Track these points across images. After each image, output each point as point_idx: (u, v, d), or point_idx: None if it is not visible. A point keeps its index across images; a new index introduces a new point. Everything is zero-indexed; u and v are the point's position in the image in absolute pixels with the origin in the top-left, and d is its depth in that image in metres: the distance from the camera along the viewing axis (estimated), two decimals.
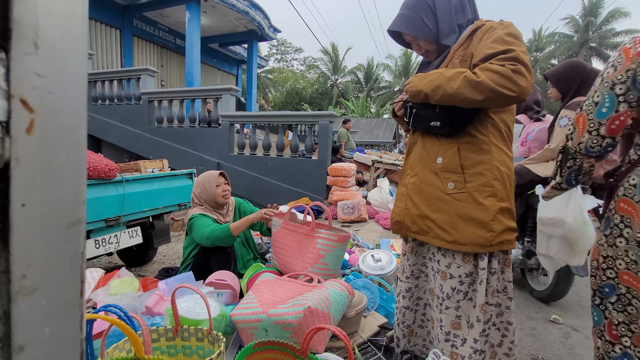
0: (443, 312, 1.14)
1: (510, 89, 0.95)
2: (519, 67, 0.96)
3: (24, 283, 0.25)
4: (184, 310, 1.22)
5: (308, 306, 1.21)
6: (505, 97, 0.97)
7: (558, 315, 2.13)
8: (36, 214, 0.26)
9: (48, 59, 0.26)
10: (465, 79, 0.99)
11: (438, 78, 1.04)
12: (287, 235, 1.80)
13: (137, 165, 3.26)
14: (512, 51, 0.99)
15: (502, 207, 1.10)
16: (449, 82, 1.01)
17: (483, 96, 0.97)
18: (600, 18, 24.89)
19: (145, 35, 11.02)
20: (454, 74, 1.02)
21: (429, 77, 1.07)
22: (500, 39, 1.02)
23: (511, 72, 0.95)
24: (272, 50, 36.13)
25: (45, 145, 0.26)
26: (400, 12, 1.17)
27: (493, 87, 0.96)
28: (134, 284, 1.74)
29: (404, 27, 1.16)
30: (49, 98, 0.26)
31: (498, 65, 0.97)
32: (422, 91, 1.07)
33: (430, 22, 1.13)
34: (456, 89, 0.99)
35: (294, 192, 5.37)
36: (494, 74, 0.96)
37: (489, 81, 0.96)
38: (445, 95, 1.02)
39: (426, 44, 1.17)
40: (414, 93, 1.10)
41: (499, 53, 1.00)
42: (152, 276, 3.23)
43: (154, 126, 6.64)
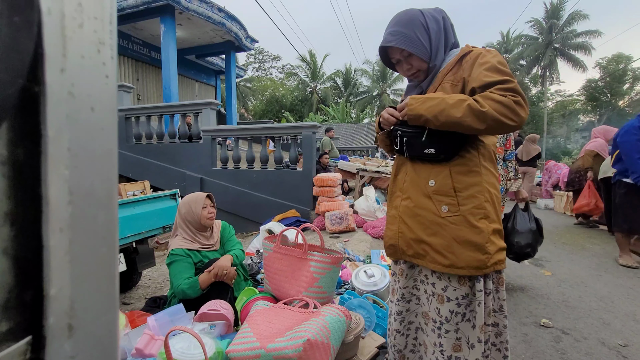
0: (443, 337, 1.14)
1: (512, 119, 0.98)
2: (519, 99, 0.99)
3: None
4: (178, 353, 1.16)
5: (307, 338, 1.19)
6: (505, 127, 1.00)
7: (547, 318, 2.18)
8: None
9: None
10: (469, 108, 0.99)
11: (440, 104, 1.03)
12: (280, 259, 1.77)
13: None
14: (511, 82, 1.02)
15: (494, 229, 1.12)
16: (452, 109, 1.01)
17: (485, 125, 0.99)
18: (562, 20, 26.27)
19: (119, 49, 10.72)
20: (456, 101, 1.01)
21: (430, 102, 1.05)
22: (494, 67, 1.05)
23: (513, 104, 0.98)
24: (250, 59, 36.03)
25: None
26: (393, 29, 1.14)
27: (496, 117, 0.98)
28: (120, 321, 1.65)
29: (401, 42, 1.12)
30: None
31: (500, 96, 0.99)
32: (423, 116, 1.05)
33: (425, 41, 1.13)
34: (460, 117, 1.00)
35: (280, 204, 5.32)
36: (497, 104, 0.98)
37: (493, 111, 0.98)
38: (448, 122, 1.02)
39: (419, 62, 1.16)
40: (414, 117, 1.08)
41: (497, 82, 1.02)
42: (137, 303, 3.11)
43: (132, 143, 6.44)
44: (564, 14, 26.18)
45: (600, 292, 2.63)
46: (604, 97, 27.69)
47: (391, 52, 1.19)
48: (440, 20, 1.16)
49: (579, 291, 2.65)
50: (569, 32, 26.06)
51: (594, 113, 29.49)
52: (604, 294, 2.58)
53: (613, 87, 26.80)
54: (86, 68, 0.26)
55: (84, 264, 0.26)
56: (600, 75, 27.87)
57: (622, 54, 26.83)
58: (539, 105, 28.38)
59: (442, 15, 1.17)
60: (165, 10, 8.95)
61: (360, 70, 30.19)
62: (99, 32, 0.28)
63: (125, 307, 2.97)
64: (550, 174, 7.67)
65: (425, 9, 1.17)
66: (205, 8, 9.54)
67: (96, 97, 0.27)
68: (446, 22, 1.18)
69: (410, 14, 1.14)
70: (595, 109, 28.73)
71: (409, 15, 1.14)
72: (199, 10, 9.41)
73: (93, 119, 0.27)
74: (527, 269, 3.17)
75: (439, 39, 1.15)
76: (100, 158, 0.28)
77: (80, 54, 0.26)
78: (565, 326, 2.09)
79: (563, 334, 2.00)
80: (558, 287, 2.73)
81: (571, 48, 26.17)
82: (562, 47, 26.50)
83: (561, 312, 2.30)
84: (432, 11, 1.17)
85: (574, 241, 4.24)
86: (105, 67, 0.28)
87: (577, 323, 2.13)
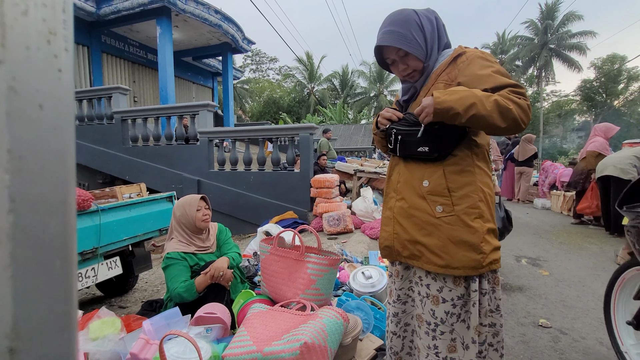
0: (438, 339, 1.13)
1: (524, 122, 1.01)
2: (529, 103, 1.03)
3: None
4: (173, 357, 1.15)
5: (304, 341, 1.17)
6: (519, 128, 1.02)
7: (545, 318, 2.18)
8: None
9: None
10: (496, 103, 0.98)
11: (470, 97, 0.99)
12: (277, 261, 1.76)
13: (113, 191, 3.12)
14: (521, 87, 1.04)
15: (489, 228, 1.11)
16: (483, 103, 0.98)
17: (507, 124, 1.00)
18: (557, 21, 26.46)
19: (115, 51, 10.70)
20: (485, 95, 0.99)
21: (458, 94, 1.01)
22: (499, 71, 1.07)
23: (527, 107, 1.01)
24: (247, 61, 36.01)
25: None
26: (388, 29, 1.12)
27: (516, 117, 0.99)
28: (116, 325, 1.63)
29: (398, 42, 1.10)
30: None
31: (517, 97, 1.01)
32: (454, 109, 0.99)
33: (420, 41, 1.12)
34: (489, 112, 0.98)
35: (277, 206, 5.30)
36: (517, 105, 1.00)
37: (515, 111, 0.99)
38: (476, 115, 0.98)
39: (415, 62, 1.14)
40: (443, 110, 1.00)
41: (510, 85, 1.03)
42: (134, 306, 3.09)
43: (129, 146, 6.41)
44: (558, 15, 26.38)
45: (599, 291, 2.63)
46: (599, 97, 27.87)
47: (386, 52, 1.17)
48: (433, 20, 1.16)
49: (577, 291, 2.65)
50: (564, 33, 26.26)
51: (589, 113, 29.68)
52: (602, 293, 2.55)
53: (608, 87, 26.98)
54: (32, 61, 0.24)
55: (31, 280, 0.23)
56: (595, 76, 28.07)
57: (616, 54, 27.02)
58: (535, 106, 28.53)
59: (435, 15, 1.18)
60: (161, 12, 8.92)
61: (357, 72, 30.25)
62: (48, 21, 0.25)
63: (122, 310, 2.95)
64: (547, 174, 7.69)
65: (418, 9, 1.17)
66: (201, 10, 9.53)
67: (46, 93, 0.24)
68: (439, 23, 1.18)
69: (405, 13, 1.13)
70: (591, 108, 28.91)
71: (403, 15, 1.13)
72: (196, 12, 9.40)
73: (42, 117, 0.24)
74: (525, 269, 3.17)
75: (434, 39, 1.15)
76: (52, 161, 0.25)
77: (24, 44, 0.23)
78: (563, 326, 2.09)
79: (561, 334, 2.00)
80: (556, 287, 2.73)
81: (566, 49, 26.36)
82: (558, 47, 26.69)
83: (559, 312, 2.30)
84: (425, 11, 1.16)
85: (571, 241, 4.25)
86: (58, 59, 0.26)
87: (576, 323, 2.13)
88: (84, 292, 3.51)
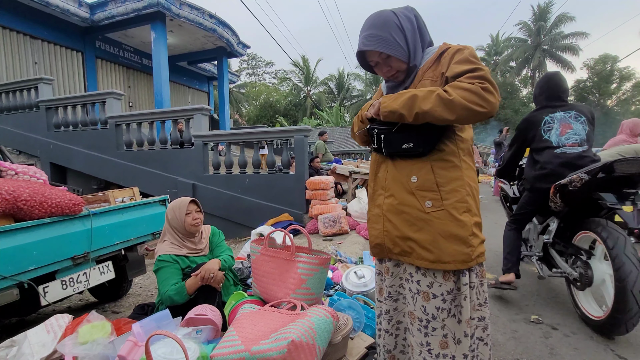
0: (430, 335, 1.13)
1: (481, 106, 0.98)
2: (487, 86, 0.99)
3: None
4: (160, 358, 1.15)
5: (292, 339, 1.18)
6: (476, 114, 0.99)
7: (538, 315, 2.19)
8: None
9: None
10: (438, 97, 1.00)
11: (411, 97, 1.04)
12: (267, 261, 1.76)
13: (105, 195, 3.10)
14: (479, 70, 1.03)
15: (475, 222, 1.13)
16: (423, 101, 1.02)
17: (456, 114, 0.99)
18: (550, 22, 26.77)
19: (109, 56, 10.72)
20: (426, 93, 1.03)
21: (401, 97, 1.06)
22: (466, 59, 1.07)
23: (481, 90, 0.98)
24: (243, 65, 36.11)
25: None
26: (368, 33, 1.14)
27: (465, 105, 0.98)
28: (106, 329, 1.63)
29: (379, 45, 1.12)
30: None
31: (468, 84, 1.00)
32: (397, 111, 1.06)
33: (401, 42, 1.13)
34: (430, 107, 1.00)
35: (273, 208, 5.30)
36: (465, 91, 0.99)
37: (461, 99, 0.98)
38: (420, 113, 1.02)
39: (398, 63, 1.16)
40: (388, 113, 1.08)
41: (466, 71, 1.03)
42: (128, 312, 3.06)
43: (123, 150, 6.40)
44: (551, 17, 26.68)
45: None
46: (592, 97, 28.15)
47: (369, 55, 1.19)
48: (413, 19, 1.17)
49: None
50: (556, 34, 26.56)
51: None
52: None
53: (601, 87, 27.28)
54: None
55: None
56: (588, 76, 28.36)
57: (608, 54, 27.36)
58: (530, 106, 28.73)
59: (414, 13, 1.18)
60: (155, 17, 8.96)
61: (353, 75, 30.42)
62: None
63: (115, 315, 2.93)
64: None
65: (396, 8, 1.18)
66: (196, 14, 9.57)
67: None
68: (419, 21, 1.19)
69: (383, 15, 1.14)
70: None
71: (382, 17, 1.14)
72: (190, 16, 9.44)
73: None
74: None
75: (415, 38, 1.16)
76: None
77: None
78: (554, 322, 2.10)
79: (552, 329, 2.01)
80: (548, 284, 2.74)
81: (559, 49, 26.65)
82: (551, 48, 26.98)
83: (551, 308, 2.31)
84: (404, 10, 1.17)
85: None
86: None
87: (567, 319, 2.14)
88: (77, 298, 3.49)
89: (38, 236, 2.14)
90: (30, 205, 2.09)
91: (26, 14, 8.49)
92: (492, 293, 2.57)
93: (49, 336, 1.64)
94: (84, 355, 1.43)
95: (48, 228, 2.22)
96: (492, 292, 2.60)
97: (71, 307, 3.30)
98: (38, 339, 1.61)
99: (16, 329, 2.23)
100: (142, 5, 8.67)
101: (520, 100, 28.99)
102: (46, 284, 2.24)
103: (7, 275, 1.89)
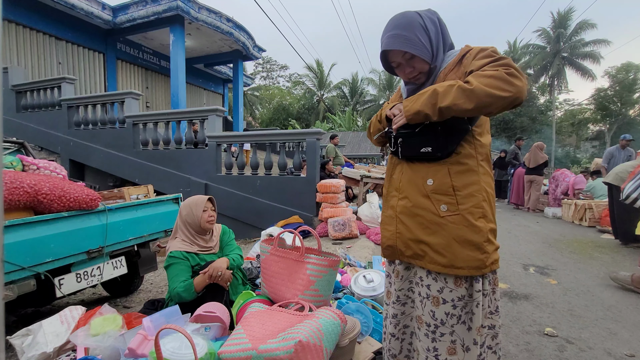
0: (438, 340, 1.11)
1: (507, 90, 0.95)
2: (512, 71, 0.97)
3: None
4: (168, 352, 1.16)
5: (299, 340, 1.17)
6: (502, 99, 0.96)
7: (552, 327, 2.12)
8: None
9: None
10: (459, 89, 0.98)
11: (432, 94, 1.02)
12: (277, 262, 1.76)
13: (120, 192, 3.18)
14: (503, 58, 1.01)
15: (491, 228, 1.11)
16: (445, 95, 1.00)
17: (478, 102, 0.96)
18: (570, 29, 26.19)
19: (129, 58, 11.02)
20: (446, 87, 1.01)
21: (422, 97, 1.05)
22: (488, 54, 1.06)
23: (505, 75, 0.95)
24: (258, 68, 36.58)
25: None
26: (393, 33, 1.12)
27: (487, 91, 0.95)
28: (117, 322, 1.66)
29: (404, 45, 1.10)
30: None
31: (491, 70, 0.98)
32: (421, 111, 1.04)
33: (426, 43, 1.12)
34: (452, 100, 0.98)
35: (283, 210, 5.32)
36: (487, 78, 0.96)
37: (483, 86, 0.95)
38: (443, 108, 1.00)
39: (421, 64, 1.14)
40: (412, 115, 1.06)
41: (490, 62, 1.02)
42: (138, 307, 3.11)
43: (139, 149, 6.54)
44: (571, 24, 26.10)
45: (608, 301, 2.55)
46: (614, 106, 27.33)
47: (391, 55, 1.16)
48: (436, 21, 1.16)
49: (585, 300, 2.58)
50: (576, 41, 25.95)
51: (604, 122, 29.09)
52: (611, 303, 2.51)
53: (623, 96, 26.45)
54: None
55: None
56: (609, 84, 27.56)
57: (631, 62, 26.55)
58: (547, 114, 28.11)
59: (437, 16, 1.17)
60: (175, 20, 9.18)
61: (366, 79, 30.41)
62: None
63: (126, 310, 2.98)
64: (558, 182, 7.55)
65: (420, 10, 1.17)
66: (214, 18, 9.76)
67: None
68: (441, 23, 1.18)
69: (408, 16, 1.13)
70: (605, 118, 28.34)
71: (407, 17, 1.12)
72: (208, 20, 9.63)
73: None
74: (532, 277, 3.10)
75: (438, 40, 1.15)
76: None
77: None
78: (570, 335, 2.03)
79: (567, 343, 1.95)
80: (564, 296, 2.66)
81: (579, 57, 26.01)
82: (570, 56, 26.36)
83: (566, 321, 2.23)
84: (428, 12, 1.16)
85: (581, 250, 4.14)
86: None
87: (583, 332, 2.07)
88: (90, 292, 3.57)
89: (56, 229, 2.21)
90: (50, 199, 2.16)
91: (52, 16, 8.83)
92: (504, 303, 2.51)
93: (62, 327, 1.68)
94: (95, 347, 1.46)
95: (66, 222, 2.28)
96: (503, 302, 2.53)
97: (84, 300, 3.38)
98: (52, 329, 1.66)
99: (31, 319, 2.29)
100: (162, 9, 8.90)
101: (538, 108, 28.39)
102: (62, 276, 2.30)
103: (25, 266, 1.96)
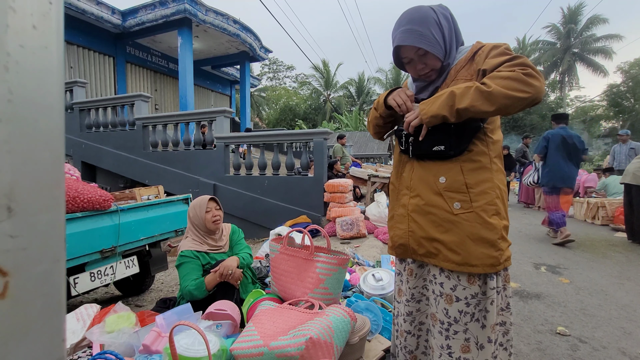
0: (451, 338, 1.11)
1: (525, 91, 0.95)
2: (529, 71, 0.96)
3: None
4: (182, 348, 1.18)
5: (310, 337, 1.18)
6: (521, 100, 0.96)
7: (564, 326, 2.09)
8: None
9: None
10: (477, 91, 0.98)
11: (449, 96, 1.02)
12: (286, 260, 1.78)
13: (132, 193, 3.24)
14: (519, 57, 1.00)
15: (504, 225, 1.10)
16: (462, 98, 0.99)
17: (497, 104, 0.96)
18: (581, 25, 25.70)
19: (139, 61, 11.19)
20: (464, 89, 1.00)
21: (439, 99, 1.04)
22: (502, 52, 1.05)
23: (522, 75, 0.95)
24: (265, 69, 36.75)
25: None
26: (406, 27, 1.09)
27: (506, 93, 0.95)
28: (131, 319, 1.69)
29: (417, 41, 1.08)
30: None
31: (508, 72, 0.97)
32: (439, 114, 1.03)
33: (439, 39, 1.10)
34: (469, 103, 0.98)
35: (291, 210, 5.34)
36: (505, 80, 0.96)
37: (500, 88, 0.95)
38: (461, 110, 1.00)
39: (434, 61, 1.12)
40: (430, 119, 1.05)
41: (505, 61, 1.01)
42: (150, 306, 3.17)
43: (149, 151, 6.64)
44: (582, 19, 25.62)
45: (622, 300, 2.51)
46: (627, 102, 26.72)
47: (404, 51, 1.14)
48: (449, 17, 1.14)
49: (599, 299, 2.53)
50: (588, 37, 25.46)
51: (616, 119, 28.47)
52: (625, 303, 2.46)
53: (636, 92, 25.85)
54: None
55: (25, 158, 0.29)
56: (622, 80, 26.96)
57: None
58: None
59: (449, 12, 1.16)
60: (182, 23, 9.29)
61: (373, 79, 30.27)
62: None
63: (138, 308, 3.04)
64: None
65: (433, 5, 1.15)
66: (221, 20, 9.86)
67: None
68: (454, 20, 1.16)
69: (422, 11, 1.11)
70: (618, 114, 27.73)
71: (421, 12, 1.10)
72: (215, 22, 9.73)
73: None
74: (544, 276, 3.06)
75: (452, 36, 1.14)
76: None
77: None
78: (582, 335, 2.01)
79: (580, 342, 1.92)
80: (576, 295, 2.62)
81: (591, 53, 25.52)
82: (581, 52, 25.88)
83: (579, 320, 2.20)
84: (441, 8, 1.15)
85: (594, 249, 4.07)
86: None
87: (596, 332, 2.04)
88: (103, 291, 3.64)
89: (70, 229, 2.26)
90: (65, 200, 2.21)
91: (65, 21, 9.03)
92: (515, 302, 2.49)
93: (78, 324, 1.73)
94: (110, 343, 1.50)
95: (80, 222, 2.34)
96: (515, 301, 2.51)
97: (97, 299, 3.45)
98: (68, 326, 1.70)
99: None
100: (171, 12, 9.03)
101: (548, 106, 27.93)
102: (76, 275, 2.36)
103: None
